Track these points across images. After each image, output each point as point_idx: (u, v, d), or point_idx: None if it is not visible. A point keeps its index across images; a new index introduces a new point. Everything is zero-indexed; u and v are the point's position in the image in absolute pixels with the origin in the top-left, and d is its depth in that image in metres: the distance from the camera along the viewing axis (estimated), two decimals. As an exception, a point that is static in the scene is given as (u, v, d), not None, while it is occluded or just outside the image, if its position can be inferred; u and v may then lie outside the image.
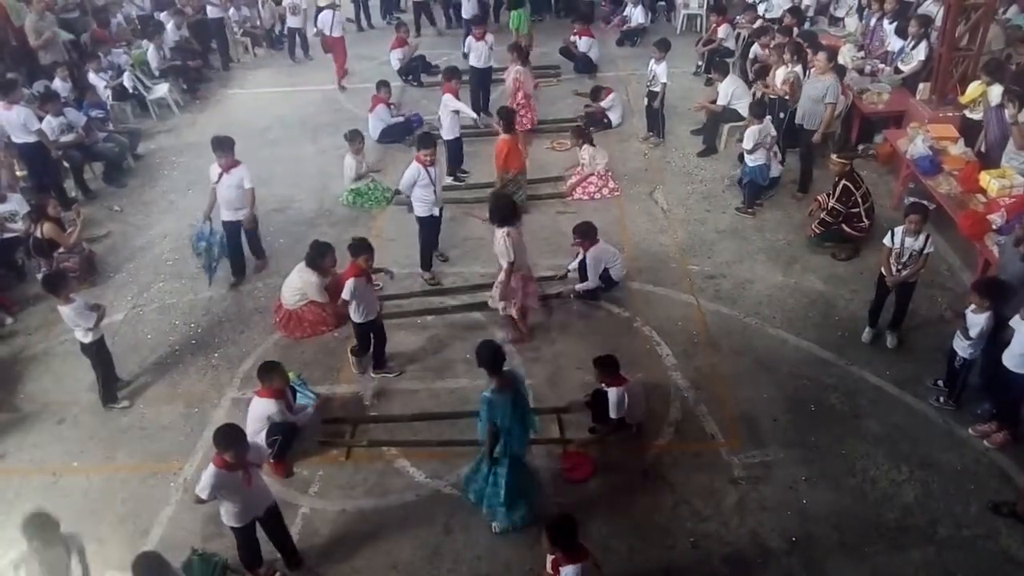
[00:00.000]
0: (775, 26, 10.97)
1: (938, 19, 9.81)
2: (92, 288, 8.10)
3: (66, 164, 9.90)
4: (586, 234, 7.40)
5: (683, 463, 5.91)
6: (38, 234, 7.90)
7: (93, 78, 11.27)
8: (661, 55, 10.01)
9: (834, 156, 7.88)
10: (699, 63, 12.64)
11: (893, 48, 10.40)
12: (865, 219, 7.85)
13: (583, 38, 12.79)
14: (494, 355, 5.13)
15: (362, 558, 5.37)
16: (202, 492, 4.67)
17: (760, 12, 12.37)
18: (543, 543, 4.45)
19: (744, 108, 9.57)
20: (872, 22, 11.01)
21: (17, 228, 8.32)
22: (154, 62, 12.48)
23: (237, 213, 7.81)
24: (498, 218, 6.71)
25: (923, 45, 9.78)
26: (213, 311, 7.80)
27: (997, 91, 8.02)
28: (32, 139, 9.17)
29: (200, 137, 11.46)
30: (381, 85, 10.89)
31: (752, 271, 7.95)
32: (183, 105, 12.60)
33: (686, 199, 9.27)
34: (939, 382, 6.34)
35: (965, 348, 5.91)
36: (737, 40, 12.35)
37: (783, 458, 5.90)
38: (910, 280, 6.62)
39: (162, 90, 12.26)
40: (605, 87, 11.15)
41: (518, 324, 7.09)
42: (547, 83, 12.53)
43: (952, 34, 8.92)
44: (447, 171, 9.29)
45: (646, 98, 10.49)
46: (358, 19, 15.55)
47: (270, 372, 5.79)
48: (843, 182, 7.71)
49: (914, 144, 8.32)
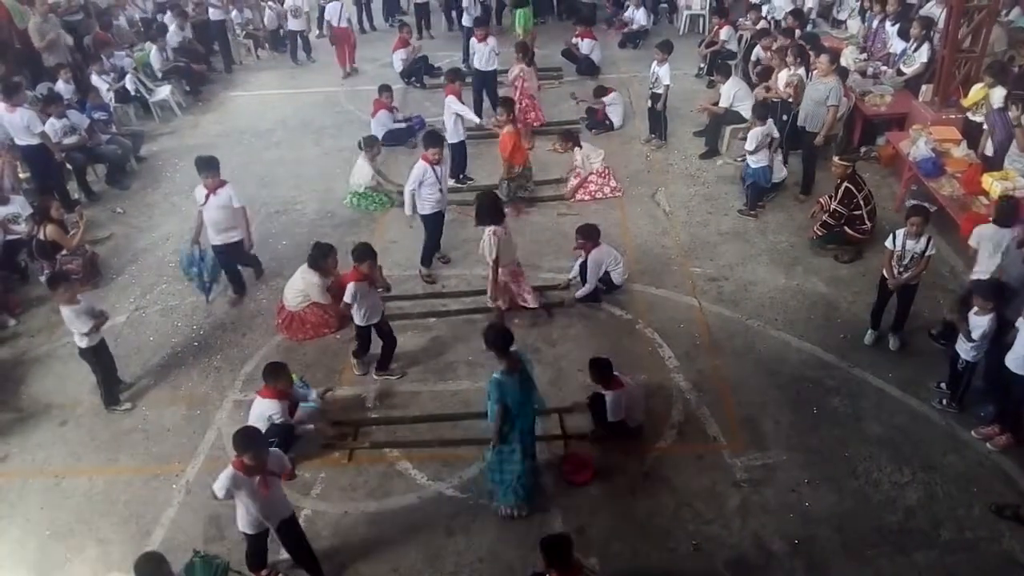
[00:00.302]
0: (777, 28, 10.97)
1: (940, 21, 9.81)
2: (95, 290, 8.11)
3: (69, 166, 9.92)
4: (588, 236, 7.40)
5: (685, 465, 5.90)
6: (41, 236, 7.93)
7: (96, 80, 11.31)
8: (663, 57, 10.00)
9: (836, 158, 7.87)
10: (701, 65, 12.65)
11: (895, 50, 10.39)
12: (867, 221, 7.84)
13: (585, 40, 12.82)
14: (502, 337, 5.25)
15: (364, 561, 5.37)
16: (218, 491, 4.67)
17: (764, 13, 12.39)
18: (538, 564, 4.44)
19: (746, 110, 9.58)
20: (874, 24, 11.01)
21: (20, 230, 8.33)
22: (157, 64, 12.52)
23: (227, 235, 7.43)
24: (485, 217, 6.80)
25: (925, 47, 9.77)
26: (215, 313, 7.81)
27: (1000, 93, 8.02)
28: (35, 141, 9.19)
29: (203, 139, 11.52)
30: (382, 89, 10.85)
31: (754, 273, 7.94)
32: (186, 107, 12.64)
33: (688, 201, 9.26)
34: (942, 384, 6.33)
35: (968, 350, 5.90)
36: (739, 42, 12.35)
37: (785, 460, 5.89)
38: (912, 282, 6.61)
39: (165, 92, 12.30)
40: (609, 87, 11.15)
41: (503, 316, 7.12)
42: (549, 85, 12.54)
43: (955, 36, 8.90)
44: (450, 174, 9.29)
45: (648, 100, 10.49)
46: (360, 21, 15.59)
47: (276, 373, 5.79)
48: (845, 184, 7.71)
49: (916, 146, 8.32)
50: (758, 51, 10.85)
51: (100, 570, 5.39)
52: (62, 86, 10.71)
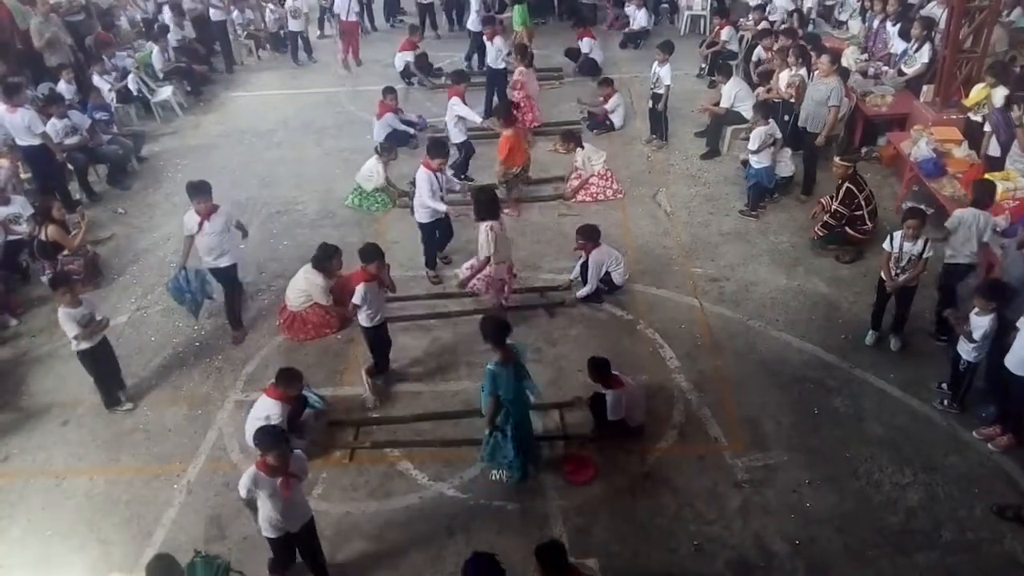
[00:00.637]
0: (777, 29, 10.97)
1: (941, 21, 9.80)
2: (96, 290, 8.11)
3: (70, 166, 9.92)
4: (589, 236, 7.40)
5: (686, 466, 5.90)
6: (42, 236, 7.93)
7: (97, 80, 11.32)
8: (664, 57, 10.01)
9: (837, 159, 7.87)
10: (702, 65, 12.65)
11: (896, 50, 10.39)
12: (868, 222, 7.84)
13: (584, 39, 12.85)
14: (499, 329, 5.37)
15: (365, 560, 5.38)
16: (241, 490, 4.68)
17: (766, 13, 12.39)
18: (533, 570, 4.43)
19: (747, 111, 9.58)
20: (875, 24, 11.01)
21: (21, 230, 8.33)
22: (158, 64, 12.53)
23: (223, 259, 7.04)
24: (483, 212, 6.84)
25: (926, 47, 9.77)
26: (217, 313, 7.80)
27: (1001, 93, 8.02)
28: (36, 142, 9.19)
29: (204, 140, 11.54)
30: (387, 92, 10.78)
31: (756, 274, 7.94)
32: (187, 107, 12.65)
33: (689, 201, 9.26)
34: (943, 385, 6.33)
35: (969, 351, 5.89)
36: (740, 43, 12.36)
37: (786, 461, 5.89)
38: (910, 284, 6.61)
39: (166, 92, 12.30)
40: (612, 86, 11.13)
41: (502, 309, 7.17)
42: (549, 85, 12.53)
43: (956, 36, 8.90)
44: (453, 173, 9.29)
45: (649, 100, 10.49)
46: (361, 21, 15.57)
47: (289, 379, 5.80)
48: (846, 185, 7.71)
49: (918, 147, 8.31)
50: (759, 51, 10.86)
51: (101, 570, 5.38)
52: (63, 86, 10.70)
